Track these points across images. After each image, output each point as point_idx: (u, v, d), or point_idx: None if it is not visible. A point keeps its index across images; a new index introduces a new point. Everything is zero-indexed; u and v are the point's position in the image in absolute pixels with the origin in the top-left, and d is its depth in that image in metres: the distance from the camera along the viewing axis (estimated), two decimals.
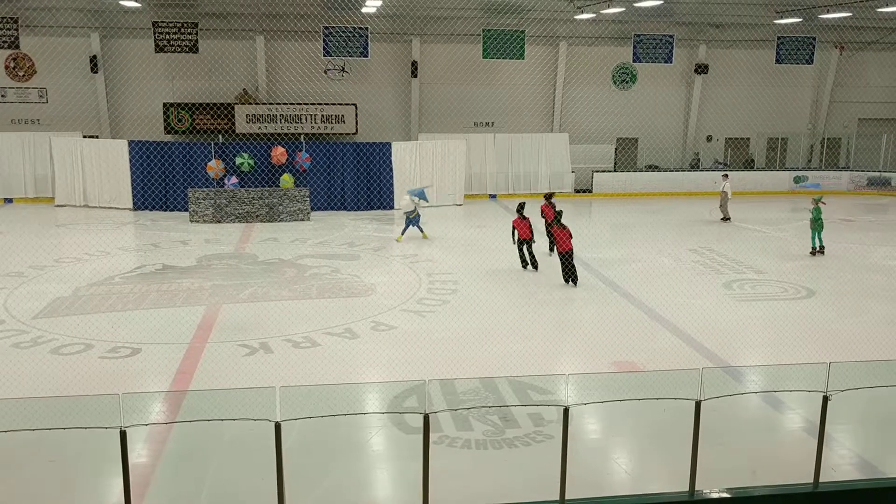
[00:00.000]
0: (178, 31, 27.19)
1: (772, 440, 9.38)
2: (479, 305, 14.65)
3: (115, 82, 29.45)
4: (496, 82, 31.09)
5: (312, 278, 16.73)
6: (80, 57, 28.75)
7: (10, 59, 28.74)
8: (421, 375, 9.84)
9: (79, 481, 8.11)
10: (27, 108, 29.40)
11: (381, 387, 10.23)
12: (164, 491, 7.99)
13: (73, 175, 25.38)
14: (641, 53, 29.69)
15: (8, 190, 26.22)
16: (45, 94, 29.39)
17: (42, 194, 26.26)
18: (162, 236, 21.06)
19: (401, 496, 7.98)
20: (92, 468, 8.28)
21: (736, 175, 30.89)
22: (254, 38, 29.40)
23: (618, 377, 10.52)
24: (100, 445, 7.95)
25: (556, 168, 29.25)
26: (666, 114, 32.79)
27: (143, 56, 28.78)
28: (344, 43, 27.53)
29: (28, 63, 29.00)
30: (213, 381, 10.65)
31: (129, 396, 6.68)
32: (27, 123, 29.15)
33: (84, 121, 28.99)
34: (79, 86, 29.08)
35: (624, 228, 23.67)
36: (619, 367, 11.38)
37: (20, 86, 29.24)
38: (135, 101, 29.41)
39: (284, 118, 29.08)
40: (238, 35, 29.27)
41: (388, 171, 25.70)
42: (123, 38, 29.10)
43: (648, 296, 15.27)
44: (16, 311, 13.92)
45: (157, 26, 27.06)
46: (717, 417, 8.20)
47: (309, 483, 7.96)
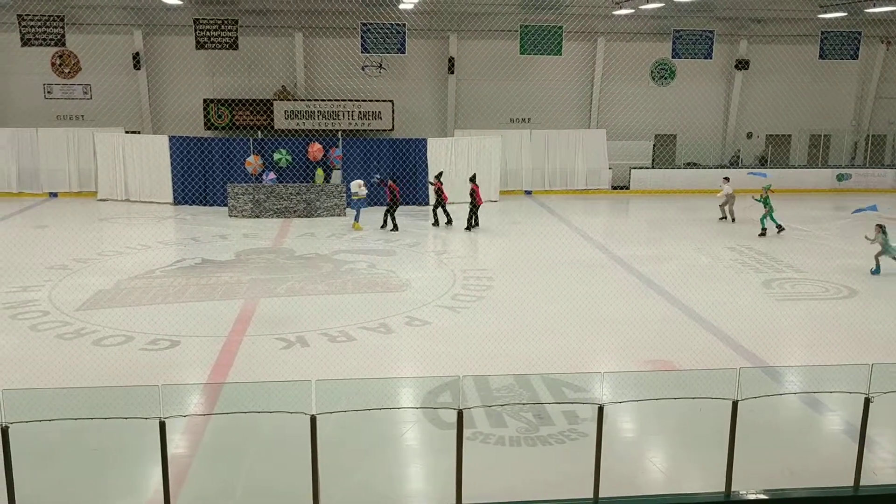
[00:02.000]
0: (218, 28, 27.51)
1: (811, 442, 9.24)
2: (514, 302, 14.63)
3: (156, 79, 29.92)
4: (533, 78, 30.96)
5: (348, 273, 16.85)
6: (124, 54, 29.25)
7: (57, 57, 29.35)
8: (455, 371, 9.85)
9: (119, 470, 8.28)
10: (72, 104, 30.00)
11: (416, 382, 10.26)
12: (201, 481, 8.13)
13: (116, 170, 25.84)
14: (681, 49, 29.32)
15: (53, 184, 26.78)
16: (90, 91, 29.96)
17: (85, 189, 26.77)
18: (201, 230, 21.37)
19: (434, 491, 8.02)
20: (132, 457, 8.44)
21: (776, 172, 30.43)
22: (293, 34, 29.64)
23: (653, 376, 10.43)
24: (139, 435, 8.10)
25: (592, 164, 29.05)
26: (705, 110, 32.35)
27: (184, 53, 29.17)
28: (381, 39, 27.62)
29: (73, 60, 29.60)
30: (250, 374, 10.79)
31: (168, 388, 6.80)
32: (72, 119, 29.77)
33: (127, 116, 29.50)
34: (122, 82, 29.61)
35: (661, 225, 23.43)
36: (654, 366, 11.29)
37: (66, 82, 29.86)
38: (176, 98, 29.84)
39: (322, 115, 29.27)
40: (277, 32, 29.53)
41: (424, 167, 25.74)
42: (165, 35, 29.53)
43: (685, 294, 15.11)
44: (60, 303, 14.24)
45: (197, 23, 27.40)
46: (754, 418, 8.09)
47: (343, 476, 8.04)
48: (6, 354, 11.71)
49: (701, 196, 27.81)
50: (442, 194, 22.35)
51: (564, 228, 22.30)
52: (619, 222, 25.29)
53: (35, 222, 22.65)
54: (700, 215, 24.72)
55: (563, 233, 21.74)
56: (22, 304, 14.13)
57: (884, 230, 16.91)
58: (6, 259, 17.35)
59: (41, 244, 19.60)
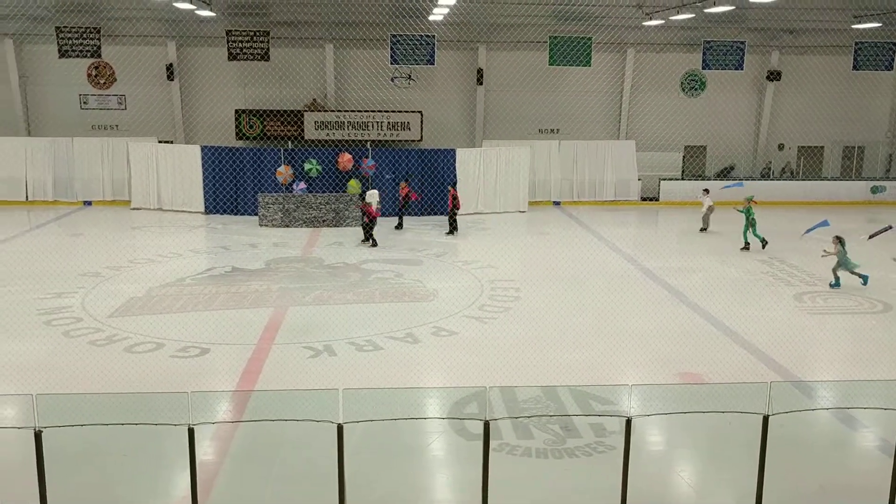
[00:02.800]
0: (250, 40, 27.86)
1: (844, 459, 9.08)
2: (542, 313, 14.58)
3: (189, 89, 30.34)
4: (562, 89, 30.92)
5: (376, 282, 16.91)
6: (158, 65, 29.73)
7: (93, 68, 29.90)
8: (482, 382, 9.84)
9: (148, 475, 8.37)
10: (107, 114, 30.52)
11: (442, 392, 10.27)
12: (229, 488, 8.19)
13: (149, 179, 26.21)
14: (711, 60, 29.11)
15: (87, 193, 27.22)
16: (124, 101, 30.46)
17: (119, 197, 27.17)
18: (232, 239, 21.58)
19: (460, 502, 8.00)
20: (161, 463, 8.53)
21: (808, 185, 30.06)
22: (323, 46, 29.92)
23: (682, 389, 10.34)
24: (168, 441, 8.20)
25: (621, 175, 28.91)
26: (736, 121, 32.07)
27: (216, 64, 29.58)
28: (411, 51, 27.77)
29: (109, 71, 30.13)
30: (278, 382, 10.86)
31: (197, 395, 6.88)
32: (106, 129, 30.27)
33: (160, 126, 29.95)
34: (156, 93, 30.08)
35: (691, 237, 23.23)
36: (683, 379, 11.18)
37: (101, 93, 30.39)
38: (208, 108, 30.23)
39: (352, 125, 29.48)
40: (308, 43, 29.82)
41: (452, 177, 25.80)
42: (198, 47, 29.97)
43: (715, 306, 14.96)
44: (93, 310, 14.46)
45: (230, 35, 27.77)
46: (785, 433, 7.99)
47: (369, 485, 8.05)
48: (40, 360, 11.90)
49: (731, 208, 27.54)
50: (456, 202, 22.63)
51: (593, 239, 22.20)
52: (649, 233, 25.11)
53: (69, 230, 23.04)
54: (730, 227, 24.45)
55: (591, 244, 21.64)
56: (56, 311, 14.36)
57: (842, 242, 16.66)
58: (41, 266, 17.67)
59: (75, 252, 19.94)
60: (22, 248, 20.03)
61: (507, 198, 26.57)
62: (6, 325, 13.43)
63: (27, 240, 21.43)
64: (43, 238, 21.85)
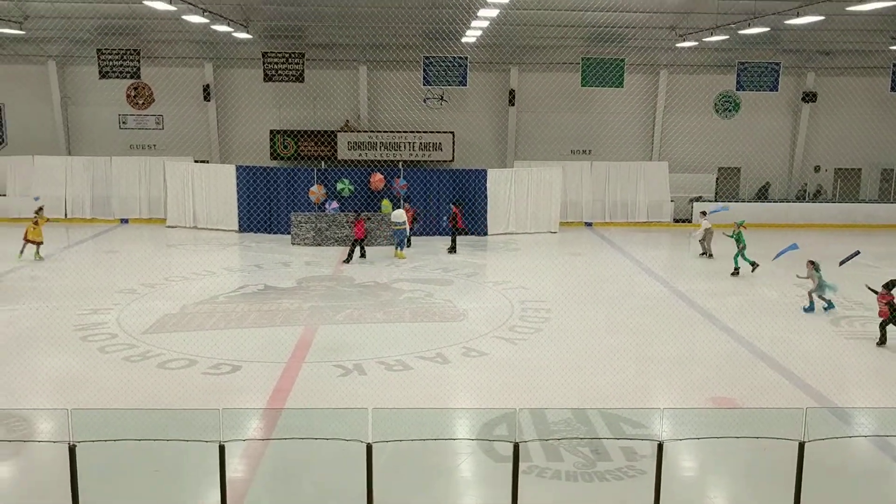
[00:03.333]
0: (285, 62, 28.30)
1: (882, 487, 8.87)
2: (573, 334, 14.49)
3: (225, 110, 30.84)
4: (594, 110, 30.89)
5: (406, 302, 16.94)
6: (195, 86, 30.29)
7: (132, 89, 30.56)
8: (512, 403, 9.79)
9: (180, 492, 8.43)
10: (145, 134, 31.12)
11: (472, 413, 10.25)
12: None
13: (184, 198, 26.61)
14: (745, 81, 28.90)
15: (125, 211, 27.70)
16: (162, 121, 31.05)
17: (155, 215, 27.60)
18: (265, 258, 21.79)
19: None
20: (191, 479, 8.59)
21: (845, 207, 29.57)
22: (357, 67, 30.26)
23: (715, 413, 10.20)
24: (199, 458, 8.25)
25: (654, 197, 28.72)
26: (771, 143, 31.74)
27: (252, 85, 30.06)
28: (443, 72, 27.97)
29: (147, 92, 30.75)
30: (309, 400, 10.90)
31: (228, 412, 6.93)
32: (144, 149, 30.83)
33: (196, 146, 30.44)
34: (192, 113, 30.62)
35: (724, 259, 22.94)
36: (716, 403, 11.02)
37: (139, 113, 31.01)
38: (243, 128, 30.70)
39: (384, 145, 29.72)
40: (342, 65, 30.20)
41: (483, 197, 25.84)
42: (234, 68, 30.49)
43: (749, 329, 14.75)
44: (128, 326, 14.66)
45: (266, 56, 28.24)
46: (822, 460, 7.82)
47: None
48: (76, 375, 12.09)
49: (766, 230, 27.21)
50: (458, 221, 22.86)
51: (625, 261, 22.06)
52: (681, 255, 24.87)
53: (106, 247, 23.43)
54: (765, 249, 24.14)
55: (623, 265, 21.51)
56: (92, 327, 14.59)
57: (816, 266, 16.34)
58: (79, 282, 17.98)
59: (112, 268, 20.27)
60: (60, 264, 20.41)
61: (539, 218, 26.52)
62: (44, 340, 13.68)
63: (65, 256, 21.83)
64: (80, 255, 22.25)
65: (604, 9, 23.79)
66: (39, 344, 13.52)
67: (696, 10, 24.98)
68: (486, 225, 25.95)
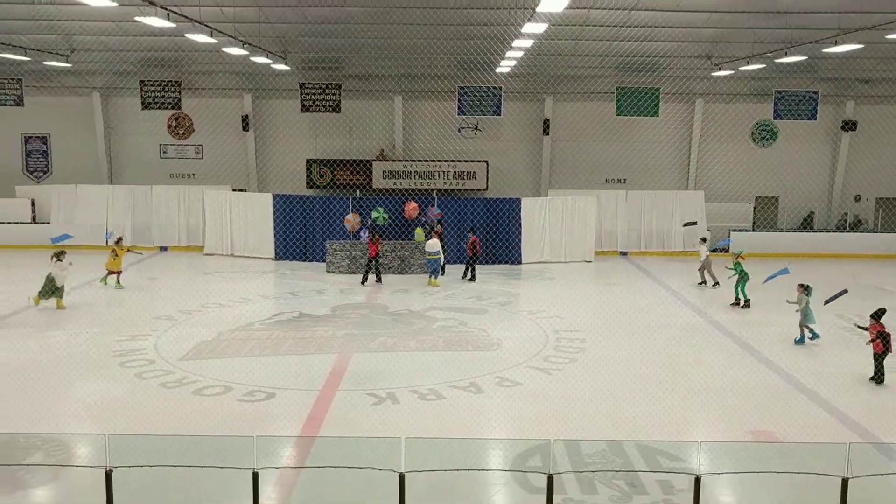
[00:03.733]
0: (322, 92, 28.76)
1: None
2: (608, 365, 14.33)
3: (263, 139, 31.37)
4: (629, 139, 30.83)
5: (440, 330, 16.92)
6: (234, 116, 30.89)
7: (173, 119, 31.25)
8: (546, 434, 9.69)
9: None
10: (184, 163, 31.75)
11: (505, 444, 10.15)
12: None
13: (222, 226, 26.99)
14: (783, 110, 28.66)
15: (164, 239, 28.17)
16: (201, 151, 31.66)
17: (193, 243, 28.02)
18: (300, 285, 21.96)
19: None
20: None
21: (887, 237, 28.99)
22: (392, 98, 30.62)
23: (754, 447, 9.98)
24: (233, 485, 8.27)
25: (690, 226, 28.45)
26: (810, 172, 31.35)
27: (289, 115, 30.58)
28: (478, 102, 28.19)
29: (188, 122, 31.42)
30: (342, 429, 10.90)
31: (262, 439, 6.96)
32: (184, 177, 31.43)
33: (234, 175, 30.97)
34: (231, 143, 31.22)
35: (762, 290, 22.60)
36: (755, 437, 10.79)
37: (180, 143, 31.67)
38: (281, 157, 31.18)
39: (418, 174, 29.94)
40: (378, 95, 30.59)
41: (517, 226, 25.82)
42: (273, 99, 31.06)
43: (788, 361, 14.46)
44: (165, 353, 14.84)
45: (303, 87, 28.73)
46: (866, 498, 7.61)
47: None
48: (113, 400, 12.24)
49: (805, 260, 26.78)
50: (476, 249, 22.83)
51: (661, 290, 21.83)
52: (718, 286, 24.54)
53: (145, 274, 23.81)
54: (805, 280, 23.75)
55: (659, 295, 21.29)
56: (130, 353, 14.80)
57: (808, 291, 15.93)
58: (118, 309, 18.27)
59: (150, 295, 20.58)
60: (100, 291, 20.77)
61: (573, 247, 26.40)
62: (84, 366, 13.89)
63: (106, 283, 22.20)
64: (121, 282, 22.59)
65: (638, 39, 23.87)
66: (78, 369, 13.73)
67: (731, 40, 24.91)
68: (521, 253, 25.90)
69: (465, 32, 24.59)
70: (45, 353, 14.82)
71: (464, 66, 27.80)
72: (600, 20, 22.61)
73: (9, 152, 31.63)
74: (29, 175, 31.74)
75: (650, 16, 22.39)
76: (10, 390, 12.52)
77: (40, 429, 10.63)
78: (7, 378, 13.20)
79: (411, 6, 22.29)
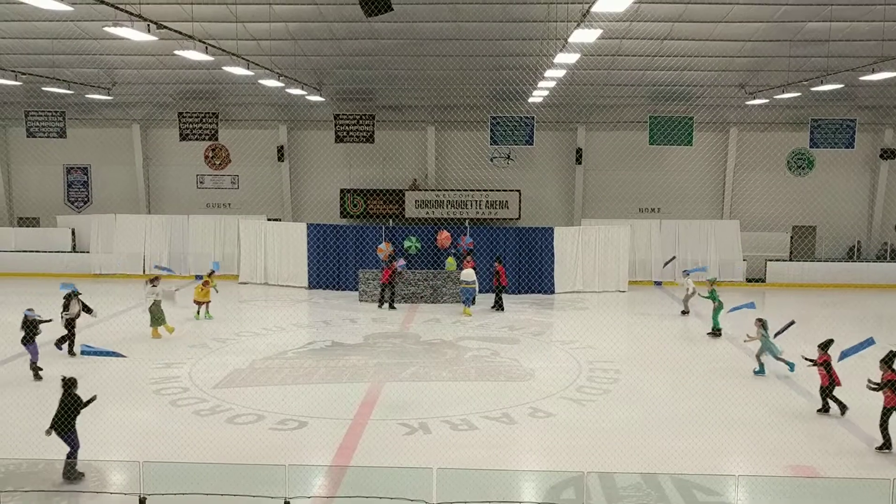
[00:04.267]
0: (356, 123, 29.11)
1: None
2: (643, 396, 14.14)
3: (298, 169, 31.77)
4: (663, 168, 30.66)
5: (472, 360, 16.85)
6: (269, 147, 31.36)
7: (210, 150, 31.81)
8: (579, 466, 9.57)
9: None
10: (221, 193, 32.24)
11: (538, 475, 10.04)
12: None
13: (256, 255, 27.28)
14: (819, 139, 28.33)
15: (199, 267, 28.44)
16: (237, 181, 32.15)
17: (228, 272, 28.28)
18: (333, 314, 22.06)
19: None
20: None
21: None
22: (426, 128, 30.87)
23: (795, 482, 9.74)
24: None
25: (725, 256, 28.10)
26: (848, 201, 30.85)
27: (323, 145, 30.96)
28: (510, 132, 28.30)
29: (224, 153, 31.96)
30: (373, 458, 10.86)
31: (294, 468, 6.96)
32: (219, 207, 31.89)
33: (269, 205, 31.36)
34: (266, 173, 31.66)
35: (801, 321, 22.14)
36: (796, 472, 10.54)
37: (216, 173, 32.20)
38: (315, 187, 31.52)
39: (451, 204, 30.05)
40: (411, 126, 30.86)
41: (550, 256, 25.73)
42: (307, 130, 31.49)
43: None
44: (199, 381, 14.96)
45: (338, 118, 29.12)
46: None
47: None
48: (148, 427, 12.35)
49: (844, 290, 26.30)
50: (501, 278, 22.78)
51: (695, 321, 21.53)
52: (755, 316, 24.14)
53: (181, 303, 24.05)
54: (844, 311, 23.32)
55: (694, 325, 21.00)
56: (165, 380, 14.94)
57: (765, 326, 15.64)
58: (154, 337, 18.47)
59: (185, 323, 20.79)
60: (137, 318, 21.02)
61: (607, 277, 26.21)
62: (120, 393, 14.04)
63: (142, 311, 22.48)
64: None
65: (671, 68, 23.85)
66: (115, 396, 13.86)
67: (766, 68, 24.78)
68: (553, 283, 25.78)
69: (497, 63, 24.77)
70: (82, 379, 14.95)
71: (496, 97, 27.97)
72: (633, 50, 22.67)
73: (51, 183, 32.40)
74: (70, 205, 32.44)
75: (683, 45, 22.39)
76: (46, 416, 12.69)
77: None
78: (45, 404, 13.38)
79: (444, 38, 22.57)
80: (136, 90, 28.46)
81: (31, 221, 32.43)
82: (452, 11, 20.30)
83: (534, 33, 21.19)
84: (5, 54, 22.88)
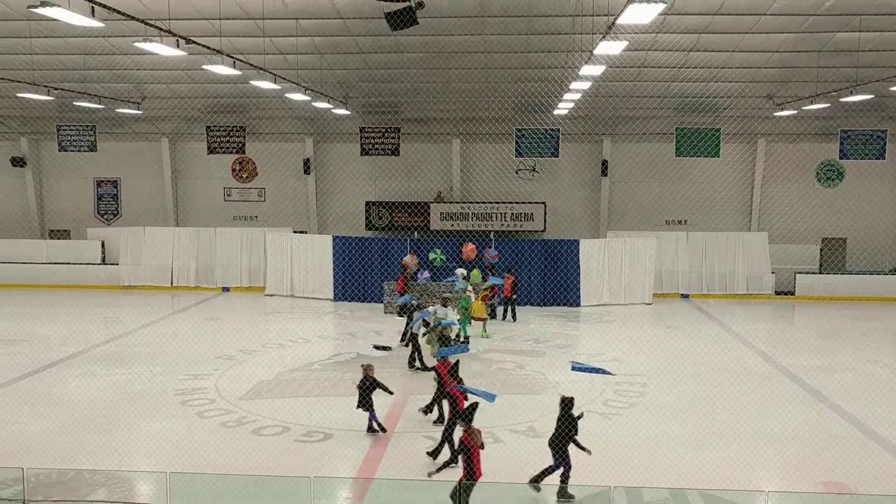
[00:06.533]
0: (382, 136, 29.28)
1: None
2: (669, 410, 13.98)
3: (324, 182, 31.98)
4: (689, 180, 30.44)
5: (497, 373, 16.78)
6: (296, 160, 31.62)
7: (237, 163, 32.14)
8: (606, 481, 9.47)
9: None
10: (247, 205, 32.54)
11: None
12: None
13: (283, 267, 27.44)
14: (849, 150, 27.99)
15: (226, 280, 28.74)
16: (264, 194, 32.43)
17: (254, 284, 28.51)
18: (358, 326, 22.11)
19: None
20: None
21: None
22: (451, 141, 30.94)
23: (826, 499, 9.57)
24: None
25: (753, 268, 27.76)
26: (879, 213, 30.41)
27: (349, 158, 31.17)
28: (535, 144, 28.29)
29: (251, 166, 32.27)
30: (398, 471, 10.83)
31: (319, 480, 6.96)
32: (246, 220, 32.18)
33: (295, 217, 31.58)
34: (293, 185, 31.92)
35: (832, 335, 21.88)
36: (826, 488, 10.35)
37: (243, 186, 32.51)
38: (341, 200, 31.72)
39: (476, 216, 30.06)
40: (436, 139, 30.95)
41: (576, 268, 25.61)
42: (333, 143, 31.71)
43: (861, 409, 13.87)
44: (225, 392, 15.05)
45: (363, 131, 29.31)
46: None
47: None
48: (175, 438, 12.43)
49: (875, 304, 25.88)
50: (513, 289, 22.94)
51: (724, 334, 21.30)
52: (784, 329, 23.85)
53: (208, 314, 24.29)
54: (875, 324, 22.94)
55: (722, 339, 20.76)
56: (192, 392, 15.05)
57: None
58: (181, 348, 18.64)
59: (212, 335, 20.96)
60: (165, 330, 21.27)
61: (633, 289, 26.02)
62: (147, 404, 14.18)
63: (169, 323, 22.74)
64: (184, 322, 23.11)
65: (698, 79, 23.71)
66: (142, 407, 14.01)
67: (794, 79, 24.54)
68: (579, 296, 25.64)
69: (522, 76, 24.80)
70: (110, 390, 15.17)
71: (521, 109, 27.98)
72: (659, 61, 22.57)
73: (82, 196, 32.90)
74: (100, 217, 32.91)
75: (710, 56, 22.25)
76: (76, 427, 12.85)
77: (104, 465, 10.85)
78: (74, 415, 13.55)
79: (470, 51, 22.63)
80: (164, 104, 28.86)
81: (62, 234, 32.96)
82: (478, 25, 20.36)
83: (559, 46, 21.18)
84: (38, 70, 23.31)
